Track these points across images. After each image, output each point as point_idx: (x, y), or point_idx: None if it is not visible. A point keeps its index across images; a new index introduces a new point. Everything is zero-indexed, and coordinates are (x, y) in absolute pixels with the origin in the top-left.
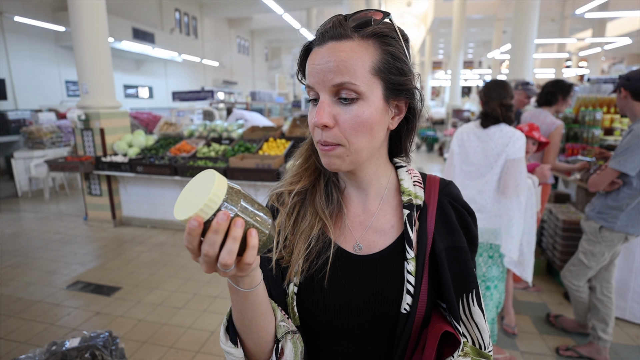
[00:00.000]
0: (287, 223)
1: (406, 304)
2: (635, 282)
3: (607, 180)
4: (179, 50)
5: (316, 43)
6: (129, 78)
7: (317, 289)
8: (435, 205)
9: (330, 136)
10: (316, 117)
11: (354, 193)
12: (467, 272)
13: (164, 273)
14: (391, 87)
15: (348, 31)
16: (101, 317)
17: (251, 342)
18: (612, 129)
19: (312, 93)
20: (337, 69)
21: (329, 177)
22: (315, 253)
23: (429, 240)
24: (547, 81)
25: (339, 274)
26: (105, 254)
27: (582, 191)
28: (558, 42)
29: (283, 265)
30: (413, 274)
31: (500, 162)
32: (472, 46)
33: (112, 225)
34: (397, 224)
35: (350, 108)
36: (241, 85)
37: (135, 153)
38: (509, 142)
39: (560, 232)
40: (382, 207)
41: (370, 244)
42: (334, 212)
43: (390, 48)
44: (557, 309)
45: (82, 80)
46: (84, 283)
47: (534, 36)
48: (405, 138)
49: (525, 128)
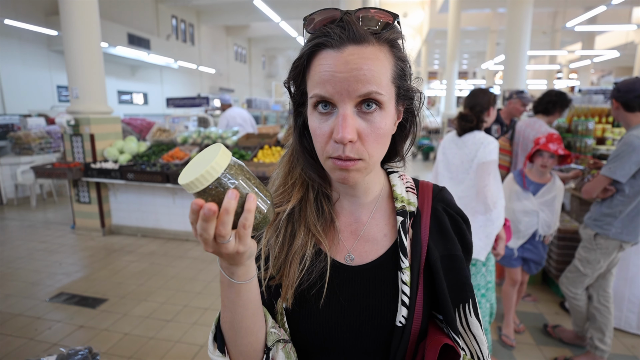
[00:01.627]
0: (275, 242)
1: (401, 317)
2: (630, 292)
3: (600, 187)
4: (175, 56)
5: (330, 45)
6: (123, 84)
7: (309, 304)
8: (429, 211)
9: (354, 151)
10: (342, 132)
11: (346, 202)
12: (463, 282)
13: (153, 284)
14: (401, 94)
15: (367, 34)
16: (84, 331)
17: (239, 350)
18: (604, 139)
19: (322, 102)
20: (364, 78)
21: (318, 189)
22: (309, 270)
23: (423, 248)
24: (549, 90)
25: (330, 287)
26: (92, 264)
27: (577, 200)
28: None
29: (273, 284)
30: (408, 284)
31: (474, 167)
32: (466, 57)
33: (100, 234)
34: (390, 232)
35: (371, 119)
36: (238, 93)
37: (127, 160)
38: (479, 147)
39: (555, 241)
40: (374, 215)
41: (362, 254)
42: (325, 225)
43: (400, 53)
44: (554, 319)
45: (73, 85)
46: (68, 295)
47: (527, 48)
48: (400, 141)
49: (542, 140)
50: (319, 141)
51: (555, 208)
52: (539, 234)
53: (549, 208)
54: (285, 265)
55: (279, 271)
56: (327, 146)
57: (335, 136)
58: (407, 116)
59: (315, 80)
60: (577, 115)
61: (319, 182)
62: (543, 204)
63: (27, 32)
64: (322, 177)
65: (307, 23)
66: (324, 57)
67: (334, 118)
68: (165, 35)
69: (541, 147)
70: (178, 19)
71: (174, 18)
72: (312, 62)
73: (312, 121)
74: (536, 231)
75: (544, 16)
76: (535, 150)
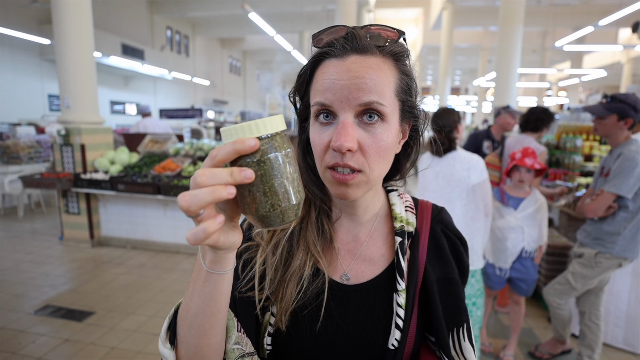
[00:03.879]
0: (272, 262)
1: (394, 339)
2: (615, 307)
3: (605, 205)
4: (169, 67)
5: (333, 54)
6: (116, 94)
7: (303, 324)
8: (427, 232)
9: (353, 160)
10: (340, 139)
11: (345, 220)
12: (459, 305)
13: (142, 297)
14: (406, 110)
15: (371, 46)
16: (70, 345)
17: (187, 348)
18: (591, 156)
19: (323, 112)
20: (365, 87)
21: (319, 207)
22: (306, 290)
23: (420, 270)
24: (534, 107)
25: (326, 307)
26: (80, 276)
27: (565, 216)
28: (539, 72)
29: (269, 305)
30: (403, 306)
31: (464, 187)
32: (459, 73)
33: (89, 246)
34: (387, 253)
35: (372, 131)
36: (232, 105)
37: (118, 170)
38: (469, 167)
39: (544, 257)
40: (372, 234)
41: (358, 273)
42: (325, 244)
43: (405, 68)
44: (542, 334)
45: (64, 95)
46: (54, 307)
47: (517, 65)
48: (405, 161)
49: (518, 155)
50: (317, 151)
51: (539, 222)
52: (526, 250)
53: (532, 222)
54: (281, 286)
55: (275, 292)
56: (326, 155)
57: (334, 143)
58: (412, 134)
59: (317, 89)
60: (565, 133)
61: (321, 199)
62: (526, 218)
63: (19, 40)
64: (324, 193)
65: (316, 41)
66: (327, 66)
67: (334, 127)
68: (160, 46)
69: (517, 162)
70: (173, 30)
71: (168, 29)
72: (316, 73)
73: (312, 132)
74: (523, 248)
75: (534, 35)
76: (512, 166)
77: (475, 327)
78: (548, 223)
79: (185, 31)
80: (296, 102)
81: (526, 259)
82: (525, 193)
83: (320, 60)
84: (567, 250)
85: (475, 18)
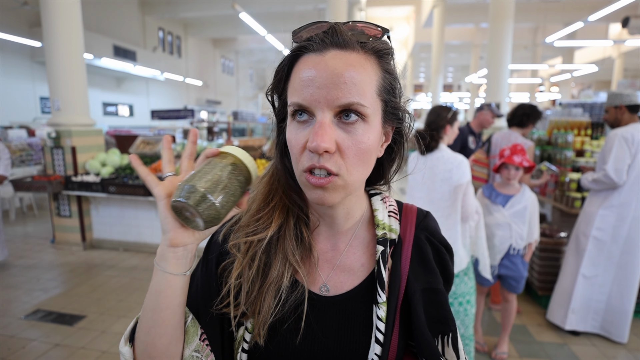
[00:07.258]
0: (248, 275)
1: (374, 354)
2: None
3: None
4: (161, 68)
5: (311, 48)
6: (108, 96)
7: (282, 338)
8: (411, 240)
9: (331, 163)
10: (316, 140)
11: (324, 227)
12: (445, 316)
13: (134, 299)
14: (389, 111)
15: (352, 41)
16: (60, 349)
17: (138, 345)
18: (583, 151)
19: (299, 111)
20: (345, 86)
21: (297, 214)
22: (284, 303)
23: (402, 280)
24: (522, 103)
25: (305, 320)
26: (71, 280)
27: (558, 211)
28: (531, 68)
29: (245, 320)
30: (384, 320)
31: (447, 187)
32: (451, 70)
33: (81, 248)
34: (367, 262)
35: (352, 131)
36: (225, 105)
37: (109, 172)
38: (452, 168)
39: (537, 253)
40: (352, 242)
41: (337, 284)
42: (304, 253)
43: (388, 67)
44: (537, 331)
45: (54, 97)
46: (44, 312)
47: (509, 62)
48: (388, 166)
49: (507, 152)
50: (294, 152)
51: (528, 219)
52: (514, 247)
53: (520, 219)
54: (259, 299)
55: (252, 306)
56: (302, 157)
57: (310, 144)
58: (396, 138)
59: (294, 87)
60: (557, 128)
61: (299, 206)
62: (514, 216)
63: (10, 43)
64: (302, 199)
65: (296, 37)
66: (305, 61)
67: (311, 127)
68: (152, 47)
69: (506, 160)
70: (165, 31)
71: (160, 30)
72: (293, 69)
73: (289, 132)
74: (511, 245)
75: (525, 31)
76: (500, 164)
77: (470, 325)
78: (541, 219)
79: (177, 32)
80: (274, 101)
81: (515, 256)
82: (515, 190)
83: (298, 55)
84: (560, 246)
85: (466, 15)
